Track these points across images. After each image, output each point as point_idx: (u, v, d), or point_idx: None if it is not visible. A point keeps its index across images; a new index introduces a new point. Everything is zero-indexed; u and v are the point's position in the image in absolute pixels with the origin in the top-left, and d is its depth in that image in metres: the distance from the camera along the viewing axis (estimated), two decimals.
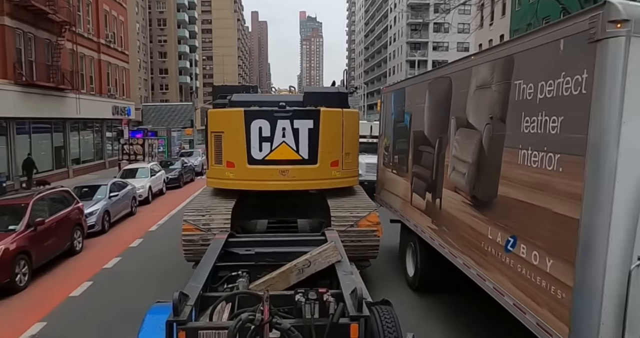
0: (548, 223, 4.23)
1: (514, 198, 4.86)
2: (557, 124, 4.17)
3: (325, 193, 8.65)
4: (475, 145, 5.82)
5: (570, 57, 4.02)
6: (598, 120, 3.68)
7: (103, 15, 34.35)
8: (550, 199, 4.21)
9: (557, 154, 4.15)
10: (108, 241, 13.01)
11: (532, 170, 4.52)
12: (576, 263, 3.80)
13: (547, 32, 4.43)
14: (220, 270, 5.46)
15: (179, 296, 3.78)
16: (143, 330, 4.39)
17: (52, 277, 10.05)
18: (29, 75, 23.83)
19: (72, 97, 28.13)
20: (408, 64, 77.24)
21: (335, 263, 5.23)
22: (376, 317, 4.27)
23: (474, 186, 5.83)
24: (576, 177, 3.85)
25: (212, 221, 7.66)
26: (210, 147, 8.62)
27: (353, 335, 3.74)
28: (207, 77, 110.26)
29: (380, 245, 8.17)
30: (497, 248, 5.16)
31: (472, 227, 5.80)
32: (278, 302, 4.10)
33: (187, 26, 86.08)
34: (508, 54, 5.11)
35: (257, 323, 3.47)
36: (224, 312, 4.14)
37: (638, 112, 3.58)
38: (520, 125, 4.74)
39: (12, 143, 22.80)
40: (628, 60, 3.55)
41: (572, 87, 3.97)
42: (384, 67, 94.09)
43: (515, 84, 4.88)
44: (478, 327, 6.91)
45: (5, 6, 21.89)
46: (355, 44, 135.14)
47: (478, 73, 5.83)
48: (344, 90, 9.34)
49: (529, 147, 4.58)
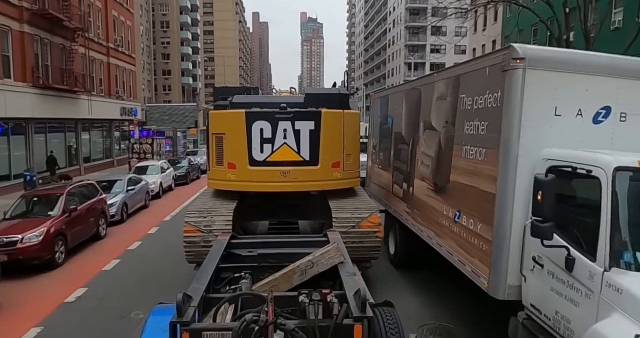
0: (478, 198, 5.83)
1: (459, 182, 6.47)
2: (484, 127, 5.78)
3: (326, 195, 8.66)
4: (436, 143, 7.42)
5: (492, 80, 5.62)
6: (506, 125, 5.28)
7: (112, 21, 35.98)
8: (480, 181, 5.81)
9: (483, 148, 5.75)
10: (127, 229, 14.61)
11: (470, 161, 6.12)
12: (494, 224, 5.40)
13: (480, 61, 6.04)
14: (223, 271, 5.48)
15: (182, 297, 3.79)
16: (146, 331, 4.38)
17: (85, 256, 11.66)
18: (45, 79, 25.42)
19: (84, 98, 29.75)
20: (406, 66, 78.89)
21: (338, 264, 5.26)
22: (379, 318, 4.31)
23: (435, 175, 7.43)
24: (493, 164, 5.45)
25: (214, 222, 7.70)
26: (211, 148, 8.64)
27: (357, 336, 3.76)
28: (208, 78, 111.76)
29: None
30: (448, 221, 6.76)
31: (434, 206, 7.40)
32: (281, 303, 4.11)
33: (189, 28, 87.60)
34: (457, 74, 6.73)
35: (261, 324, 3.49)
36: (227, 313, 4.16)
37: (531, 120, 5.17)
38: (463, 127, 6.34)
39: (31, 142, 24.40)
40: (525, 85, 5.14)
41: (492, 101, 5.58)
42: (383, 69, 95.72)
43: (461, 97, 6.49)
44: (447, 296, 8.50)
45: (24, 14, 23.47)
46: (355, 46, 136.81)
47: (438, 87, 7.44)
48: (345, 91, 9.36)
49: (468, 144, 6.18)
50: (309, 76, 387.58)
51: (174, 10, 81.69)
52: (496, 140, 5.43)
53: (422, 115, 8.15)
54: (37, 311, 8.11)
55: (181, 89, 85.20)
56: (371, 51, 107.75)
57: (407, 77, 78.27)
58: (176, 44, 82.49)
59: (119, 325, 7.42)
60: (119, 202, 15.26)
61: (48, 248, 10.42)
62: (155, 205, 18.78)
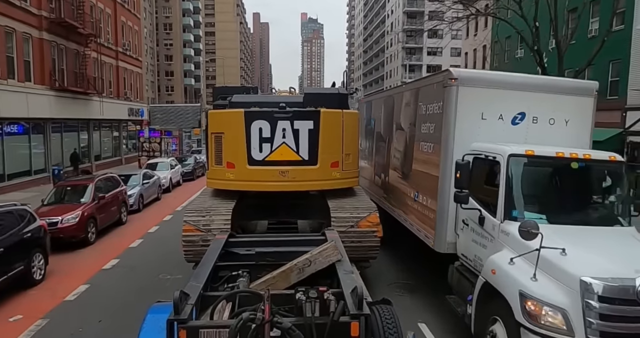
0: (429, 181, 7.75)
1: (418, 170, 8.39)
2: (433, 128, 7.70)
3: (325, 194, 8.71)
4: (404, 140, 9.34)
5: (437, 92, 7.53)
6: (445, 126, 7.19)
7: (120, 26, 37.89)
8: (430, 168, 7.73)
9: (432, 144, 7.68)
10: (145, 216, 16.53)
11: (424, 154, 8.04)
12: (437, 198, 7.31)
13: (431, 78, 7.98)
14: (221, 270, 5.49)
15: (179, 295, 3.80)
16: (144, 329, 4.40)
17: (112, 237, 13.61)
18: (61, 82, 27.31)
19: (96, 100, 31.68)
20: (404, 68, 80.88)
21: (336, 262, 5.28)
22: (376, 316, 4.33)
23: (403, 165, 9.35)
24: (438, 155, 7.37)
25: (212, 222, 7.72)
26: (210, 147, 8.67)
27: (354, 333, 3.77)
28: (210, 79, 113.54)
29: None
30: (411, 200, 8.68)
31: (402, 190, 9.32)
32: (279, 301, 4.15)
33: (191, 30, 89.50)
34: (417, 87, 8.67)
35: (258, 322, 3.50)
36: (224, 311, 4.17)
37: (463, 122, 7.07)
38: (421, 128, 8.26)
39: (48, 141, 26.32)
40: (458, 97, 7.05)
41: (437, 109, 7.49)
42: (381, 71, 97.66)
43: (419, 104, 8.41)
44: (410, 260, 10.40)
45: (43, 22, 25.37)
46: (355, 47, 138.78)
47: (405, 96, 9.38)
48: (344, 91, 9.37)
49: (423, 140, 8.10)
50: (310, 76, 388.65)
51: (177, 13, 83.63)
52: (439, 137, 7.34)
53: (395, 118, 10.07)
54: (82, 275, 10.06)
55: (183, 89, 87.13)
56: (370, 53, 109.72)
57: (404, 78, 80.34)
58: (179, 46, 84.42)
59: (150, 283, 9.40)
60: (137, 193, 17.18)
61: (82, 228, 12.34)
62: (166, 198, 20.71)
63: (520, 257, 5.39)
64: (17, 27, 23.04)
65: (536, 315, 4.95)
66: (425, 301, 8.34)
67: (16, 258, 8.95)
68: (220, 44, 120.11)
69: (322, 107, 8.31)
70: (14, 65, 23.01)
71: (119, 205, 15.06)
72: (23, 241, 9.26)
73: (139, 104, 41.92)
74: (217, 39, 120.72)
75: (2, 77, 21.82)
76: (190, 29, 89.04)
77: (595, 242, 5.57)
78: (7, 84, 22.09)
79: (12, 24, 22.65)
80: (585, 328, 4.78)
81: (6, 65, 22.30)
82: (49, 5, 25.88)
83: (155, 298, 5.40)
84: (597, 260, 5.10)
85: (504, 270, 5.48)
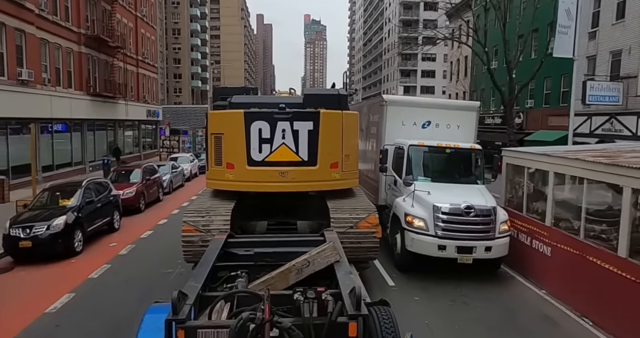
0: (375, 165, 12.38)
1: (369, 157, 13.03)
2: (375, 130, 12.36)
3: (324, 195, 8.76)
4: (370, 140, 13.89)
5: (378, 108, 12.18)
6: (380, 130, 11.85)
7: (140, 37, 42.59)
8: (374, 155, 12.38)
9: (375, 139, 12.36)
10: (175, 197, 21.22)
11: (373, 148, 12.67)
12: (377, 173, 11.96)
13: (376, 99, 12.66)
14: (220, 270, 5.49)
15: (177, 295, 3.83)
16: (142, 330, 4.43)
17: (155, 209, 18.28)
18: (94, 88, 31.97)
19: (122, 103, 36.39)
20: (400, 72, 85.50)
21: (334, 263, 5.28)
22: (374, 317, 4.34)
23: (364, 155, 13.96)
24: (377, 148, 12.01)
25: (212, 222, 7.75)
26: (210, 148, 8.70)
27: (351, 333, 3.81)
28: (215, 80, 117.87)
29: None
30: (373, 181, 13.27)
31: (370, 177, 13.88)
32: (277, 301, 4.14)
33: (198, 35, 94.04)
34: (372, 103, 13.33)
35: (258, 322, 3.54)
36: (222, 311, 4.20)
37: (391, 127, 11.71)
38: (370, 130, 12.90)
39: (85, 138, 31.01)
40: (387, 112, 11.71)
41: (378, 118, 12.15)
42: (379, 74, 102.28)
43: (370, 114, 13.05)
44: None
45: (82, 38, 30.05)
46: (355, 51, 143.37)
47: (365, 108, 14.02)
48: (344, 92, 9.46)
49: (372, 138, 12.74)
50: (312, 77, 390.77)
51: (185, 19, 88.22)
52: (377, 136, 11.98)
53: (365, 123, 14.69)
54: (145, 227, 14.75)
55: (191, 91, 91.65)
56: (369, 57, 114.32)
57: (400, 82, 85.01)
58: (186, 50, 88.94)
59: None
60: (168, 179, 21.85)
61: (137, 200, 17.01)
62: (188, 185, 25.42)
63: (408, 196, 10.05)
64: (62, 43, 27.74)
65: (411, 222, 9.65)
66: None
67: (107, 212, 13.71)
68: (225, 46, 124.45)
69: (322, 108, 8.38)
70: (60, 75, 27.72)
71: (158, 187, 19.74)
72: (109, 202, 14.00)
73: (155, 106, 46.63)
74: (222, 42, 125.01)
75: (52, 84, 26.50)
76: (198, 33, 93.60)
77: (450, 190, 10.24)
78: (55, 91, 26.77)
79: (59, 41, 27.33)
80: (435, 228, 9.45)
81: (55, 75, 27.00)
82: (86, 24, 30.56)
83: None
84: (445, 197, 9.78)
85: (399, 204, 10.17)
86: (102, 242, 13.23)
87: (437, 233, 9.50)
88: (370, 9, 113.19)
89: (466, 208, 9.47)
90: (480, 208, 9.52)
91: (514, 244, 10.22)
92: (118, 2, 35.08)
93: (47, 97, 25.50)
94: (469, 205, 9.50)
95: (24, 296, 8.99)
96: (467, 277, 9.83)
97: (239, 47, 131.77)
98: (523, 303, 9.04)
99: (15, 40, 22.52)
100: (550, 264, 9.29)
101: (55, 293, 9.02)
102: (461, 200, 9.61)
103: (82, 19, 29.93)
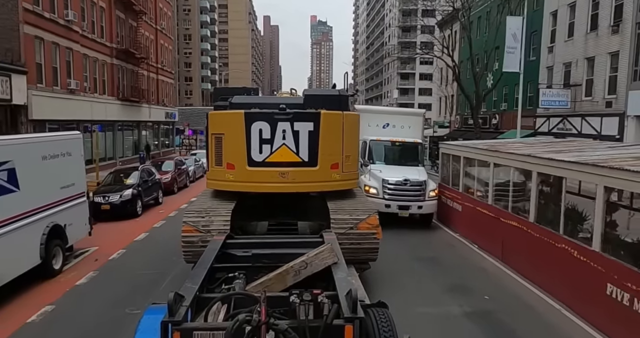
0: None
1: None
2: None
3: (325, 196, 8.75)
4: None
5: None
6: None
7: (159, 47, 47.57)
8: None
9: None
10: (198, 184, 26.00)
11: None
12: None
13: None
14: (218, 271, 5.53)
15: (174, 297, 3.84)
16: (139, 331, 4.44)
17: (185, 192, 23.09)
18: (123, 93, 36.91)
19: (145, 106, 41.35)
20: (399, 76, 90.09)
21: (332, 265, 5.30)
22: (372, 319, 4.33)
23: None
24: None
25: (212, 223, 7.77)
26: (210, 148, 8.70)
27: (348, 336, 3.82)
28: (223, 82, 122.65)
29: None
30: None
31: None
32: (274, 303, 4.16)
33: (208, 40, 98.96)
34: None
35: (254, 324, 3.52)
36: (219, 313, 4.22)
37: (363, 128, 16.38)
38: None
39: (115, 137, 35.96)
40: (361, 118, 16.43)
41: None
42: (380, 77, 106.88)
43: None
44: None
45: (113, 51, 34.99)
46: (359, 53, 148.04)
47: None
48: (345, 92, 9.48)
49: None
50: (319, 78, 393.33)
51: (196, 25, 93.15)
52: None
53: None
54: (181, 202, 19.41)
55: (201, 93, 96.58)
56: (372, 60, 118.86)
57: (399, 85, 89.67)
58: (197, 54, 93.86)
59: None
60: (192, 170, 26.68)
61: (172, 184, 21.81)
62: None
63: (367, 174, 14.76)
64: (99, 56, 32.68)
65: (368, 190, 14.34)
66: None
67: (154, 190, 18.57)
68: (233, 49, 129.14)
69: (323, 109, 8.37)
70: (97, 84, 32.65)
71: (186, 175, 24.57)
72: (155, 183, 18.81)
73: (172, 109, 51.61)
74: (230, 45, 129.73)
75: (92, 92, 31.45)
76: (207, 38, 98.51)
77: (396, 170, 14.92)
78: (94, 97, 31.73)
79: (97, 55, 32.27)
80: (383, 194, 14.20)
81: (93, 84, 31.93)
82: (116, 39, 35.49)
83: None
84: (391, 174, 14.51)
85: (362, 179, 14.85)
86: (153, 210, 18.15)
87: (384, 197, 14.25)
88: (372, 14, 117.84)
89: (404, 180, 14.21)
90: (414, 180, 14.27)
91: (443, 207, 15.01)
92: (142, 18, 40.04)
93: (88, 102, 30.47)
94: (406, 178, 14.25)
95: (117, 236, 14.09)
96: (411, 228, 14.67)
97: (246, 50, 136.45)
98: (440, 238, 14.09)
99: (66, 57, 27.48)
100: (460, 217, 14.05)
101: (138, 232, 14.60)
102: (402, 176, 14.35)
103: (114, 35, 34.89)
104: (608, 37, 24.72)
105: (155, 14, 45.49)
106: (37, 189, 9.56)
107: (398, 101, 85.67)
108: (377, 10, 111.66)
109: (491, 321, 8.09)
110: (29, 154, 9.48)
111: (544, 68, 31.34)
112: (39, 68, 24.73)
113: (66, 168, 10.91)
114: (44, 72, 25.15)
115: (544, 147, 11.44)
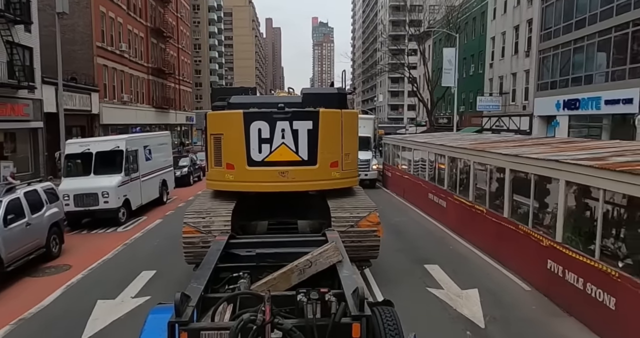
0: None
1: None
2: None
3: (325, 194, 8.72)
4: None
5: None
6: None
7: (180, 62, 56.64)
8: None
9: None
10: None
11: None
12: None
13: None
14: (222, 271, 5.51)
15: (180, 297, 3.82)
16: (145, 331, 4.44)
17: (198, 185, 30.70)
18: (156, 102, 45.94)
19: (172, 112, 50.45)
20: (390, 79, 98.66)
21: (337, 263, 5.29)
22: (378, 317, 4.34)
23: None
24: None
25: (213, 223, 7.80)
26: (209, 149, 8.69)
27: (355, 334, 3.78)
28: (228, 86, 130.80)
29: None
30: None
31: None
32: (279, 302, 4.14)
33: (215, 48, 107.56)
34: None
35: (258, 324, 3.51)
36: (225, 313, 4.20)
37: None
38: None
39: None
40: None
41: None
42: (375, 80, 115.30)
43: None
44: None
45: (149, 69, 44.01)
46: (356, 57, 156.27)
47: None
48: (343, 90, 9.43)
49: None
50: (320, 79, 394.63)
51: (205, 35, 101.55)
52: None
53: None
54: (191, 194, 26.97)
55: (209, 97, 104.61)
56: (367, 63, 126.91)
57: (390, 88, 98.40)
58: (206, 62, 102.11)
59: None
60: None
61: (188, 178, 30.23)
62: None
63: None
64: (140, 75, 41.75)
65: None
66: None
67: (198, 171, 27.66)
68: (237, 54, 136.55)
69: (321, 107, 8.35)
70: (138, 96, 41.72)
71: (202, 170, 33.35)
72: (198, 167, 27.85)
73: (190, 113, 60.75)
74: (235, 51, 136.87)
75: (133, 102, 40.51)
76: (215, 47, 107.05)
77: None
78: (137, 106, 40.80)
79: (138, 73, 41.31)
80: None
81: (136, 96, 41.00)
82: (151, 60, 44.54)
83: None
84: None
85: None
86: (199, 183, 27.06)
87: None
88: (367, 22, 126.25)
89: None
90: (362, 158, 22.97)
91: (386, 176, 23.93)
92: (169, 41, 49.13)
93: (134, 110, 39.55)
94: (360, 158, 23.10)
95: (186, 192, 23.66)
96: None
97: (250, 55, 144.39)
98: (379, 194, 22.76)
99: (120, 77, 36.60)
100: (393, 182, 23.02)
101: (194, 192, 21.92)
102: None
103: (149, 56, 43.97)
104: (523, 59, 33.58)
105: (178, 35, 54.55)
106: (157, 160, 19.56)
107: (389, 103, 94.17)
108: (371, 19, 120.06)
109: (398, 230, 16.47)
110: (153, 142, 19.66)
111: (487, 79, 40.19)
112: (104, 87, 33.81)
113: (165, 150, 20.78)
114: (107, 90, 34.25)
115: (440, 139, 20.40)
